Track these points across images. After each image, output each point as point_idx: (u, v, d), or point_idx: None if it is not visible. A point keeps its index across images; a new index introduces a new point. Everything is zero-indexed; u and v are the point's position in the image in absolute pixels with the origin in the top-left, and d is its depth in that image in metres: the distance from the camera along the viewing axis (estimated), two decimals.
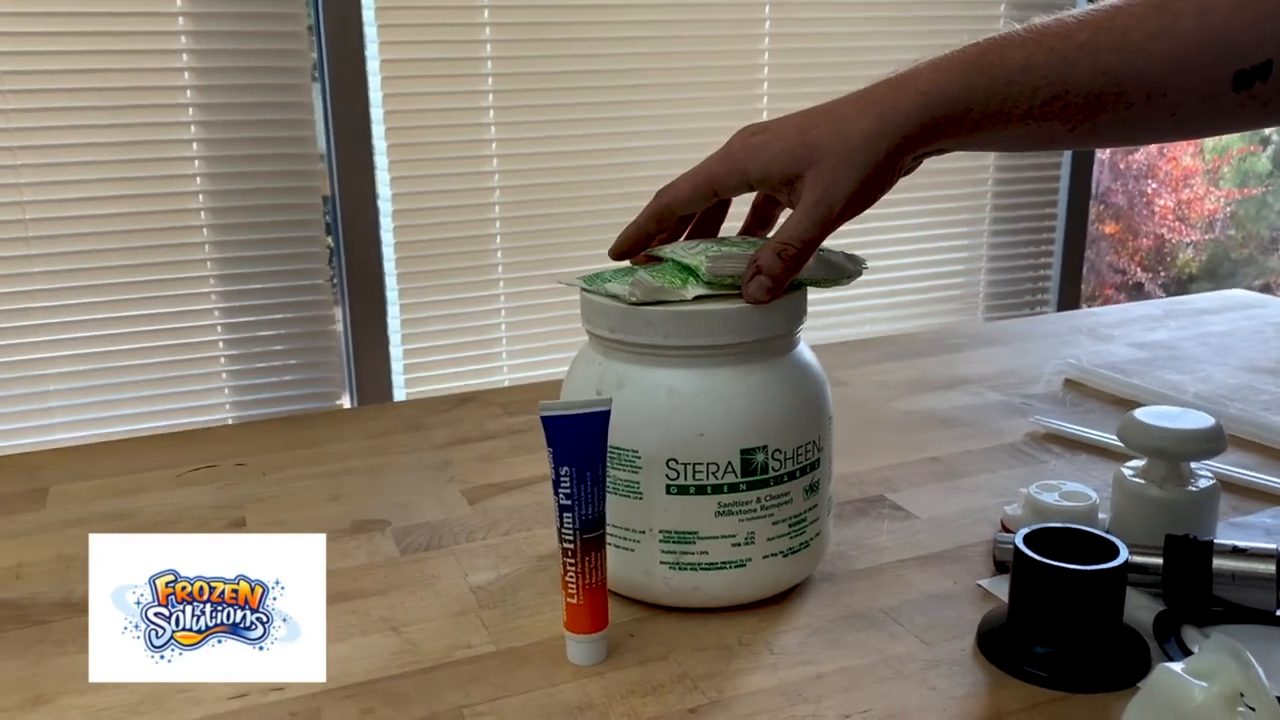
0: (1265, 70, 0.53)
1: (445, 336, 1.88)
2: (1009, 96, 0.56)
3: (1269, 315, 1.24)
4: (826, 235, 0.58)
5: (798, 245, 0.57)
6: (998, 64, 0.56)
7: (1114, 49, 0.55)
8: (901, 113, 0.56)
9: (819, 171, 0.57)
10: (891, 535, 0.70)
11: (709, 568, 0.58)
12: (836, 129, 0.57)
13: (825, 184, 0.57)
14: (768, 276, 0.56)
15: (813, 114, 0.59)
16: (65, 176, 1.60)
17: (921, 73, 0.57)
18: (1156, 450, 0.64)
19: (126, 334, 1.68)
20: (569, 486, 0.53)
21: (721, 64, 1.96)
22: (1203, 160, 4.36)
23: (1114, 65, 0.55)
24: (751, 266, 0.57)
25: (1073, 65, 0.55)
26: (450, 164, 1.83)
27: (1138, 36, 0.54)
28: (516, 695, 0.53)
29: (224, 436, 0.93)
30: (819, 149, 0.57)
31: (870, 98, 0.58)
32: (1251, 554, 0.58)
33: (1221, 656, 0.47)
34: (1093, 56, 0.55)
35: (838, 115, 0.58)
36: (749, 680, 0.54)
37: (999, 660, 0.55)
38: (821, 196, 0.57)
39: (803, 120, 0.59)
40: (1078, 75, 0.55)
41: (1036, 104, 0.56)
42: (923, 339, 1.19)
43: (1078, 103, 0.56)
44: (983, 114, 0.57)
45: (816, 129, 0.58)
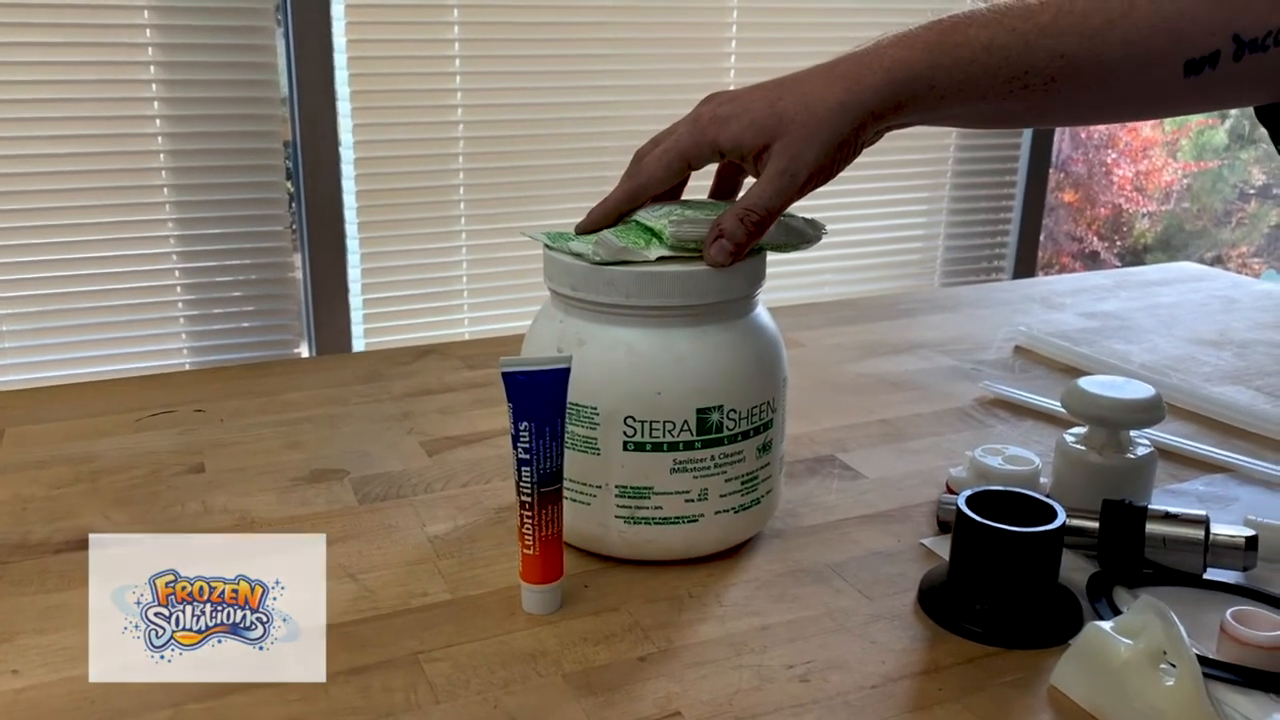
0: (1214, 59, 0.55)
1: (406, 287, 1.87)
2: (971, 75, 0.57)
3: (1215, 288, 1.27)
4: (789, 205, 0.59)
5: (761, 213, 0.58)
6: (962, 43, 0.57)
7: (1073, 33, 0.56)
8: (867, 88, 0.58)
9: (785, 143, 0.58)
10: (840, 494, 0.72)
11: (663, 522, 0.60)
12: (804, 102, 0.58)
13: (791, 154, 0.58)
14: (730, 241, 0.58)
15: (780, 85, 0.60)
16: (21, 114, 1.57)
17: (886, 49, 0.58)
18: (1097, 418, 0.66)
19: (83, 275, 1.66)
20: (528, 441, 0.54)
21: (690, 19, 1.95)
22: (1162, 132, 4.41)
23: (1072, 49, 0.56)
24: (714, 230, 0.58)
25: (1033, 48, 0.57)
26: (414, 112, 1.81)
27: (1096, 21, 0.56)
28: (472, 642, 0.54)
29: (182, 382, 0.93)
30: (786, 120, 0.58)
31: (836, 71, 0.59)
32: (1182, 520, 0.60)
33: (1148, 616, 0.49)
34: (1053, 39, 0.56)
35: (805, 88, 0.59)
36: (698, 631, 0.56)
37: (938, 616, 0.57)
38: (786, 167, 0.58)
39: (770, 92, 0.60)
40: (1037, 58, 0.57)
41: (998, 83, 0.57)
42: (877, 303, 1.21)
43: (1036, 84, 0.57)
44: (945, 91, 0.58)
45: (783, 101, 0.58)
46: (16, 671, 0.52)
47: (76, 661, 0.52)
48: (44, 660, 0.53)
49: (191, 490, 0.71)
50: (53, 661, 0.53)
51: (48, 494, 0.70)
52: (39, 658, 0.53)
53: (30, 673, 0.52)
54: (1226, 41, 0.54)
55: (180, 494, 0.70)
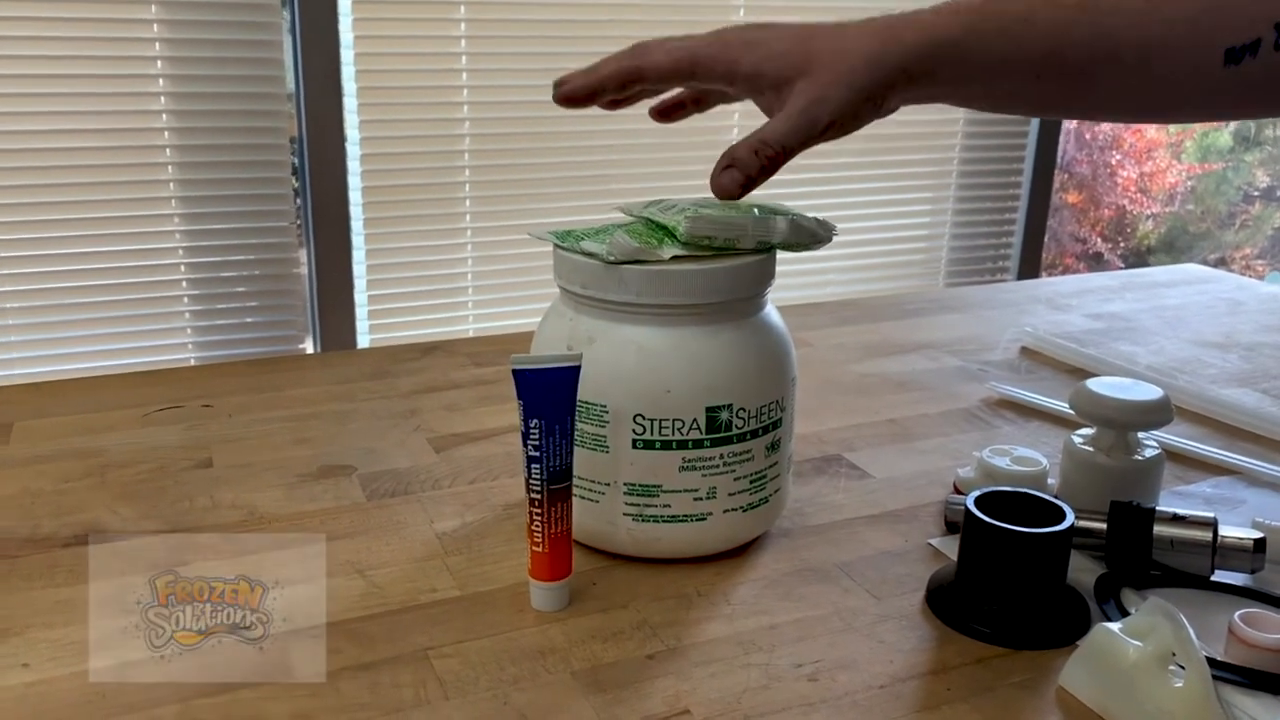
0: (1255, 47, 0.54)
1: (411, 284, 1.88)
2: (1008, 47, 0.56)
3: (1220, 290, 1.27)
4: (805, 148, 0.57)
5: (776, 149, 0.56)
6: (1001, 13, 0.56)
7: (1115, 11, 0.55)
8: (905, 44, 0.56)
9: (811, 82, 0.55)
10: (847, 494, 0.72)
11: (671, 520, 0.60)
12: (839, 45, 0.56)
13: (815, 95, 0.55)
14: (741, 172, 0.56)
15: (814, 27, 0.57)
16: (27, 108, 1.57)
17: (926, 15, 0.56)
18: (1105, 420, 0.66)
19: (89, 270, 1.66)
20: (538, 438, 0.54)
21: (696, 18, 1.95)
22: (1167, 134, 4.41)
23: (1114, 27, 0.55)
24: (725, 158, 0.56)
25: (1074, 23, 0.55)
26: (421, 109, 1.82)
27: (1139, 3, 0.55)
28: (480, 639, 0.55)
29: (189, 377, 0.93)
30: (817, 59, 0.56)
31: (872, 27, 0.57)
32: (1190, 522, 0.60)
33: (1156, 618, 0.50)
34: (1094, 16, 0.55)
35: (841, 34, 0.57)
36: (706, 629, 0.56)
37: (946, 616, 0.57)
38: (808, 107, 0.55)
39: (803, 30, 0.57)
40: (1078, 34, 0.55)
41: (1035, 59, 0.56)
42: (883, 303, 1.21)
43: (1074, 62, 0.56)
44: (981, 62, 0.56)
45: (817, 40, 0.56)
46: (26, 665, 0.52)
47: (85, 656, 0.52)
48: (53, 654, 0.53)
49: (199, 485, 0.71)
50: (61, 656, 0.53)
51: (56, 488, 0.70)
52: (48, 651, 0.53)
53: (40, 667, 0.52)
54: (1268, 30, 0.53)
55: (188, 489, 0.70)
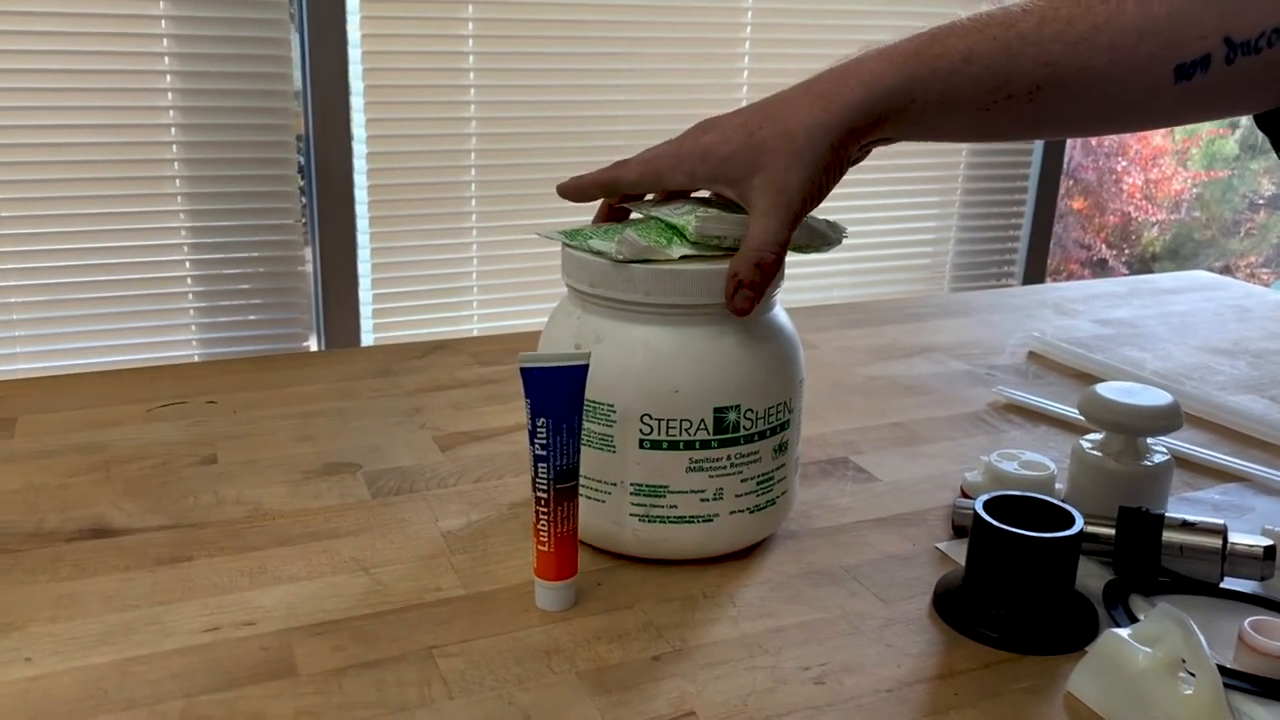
0: (1205, 62, 0.54)
1: (416, 283, 1.87)
2: (951, 87, 0.56)
3: (1228, 297, 1.27)
4: (794, 231, 0.58)
5: (774, 251, 0.57)
6: (940, 54, 0.56)
7: (1057, 39, 0.55)
8: (845, 105, 0.56)
9: (768, 176, 0.57)
10: (854, 497, 0.71)
11: (677, 521, 0.59)
12: (782, 127, 0.57)
13: (777, 185, 0.57)
14: (749, 288, 0.57)
15: (759, 111, 0.59)
16: (34, 103, 1.57)
17: (866, 63, 0.57)
18: (1114, 425, 0.65)
19: (94, 265, 1.66)
20: (545, 437, 0.54)
21: (703, 19, 1.95)
22: (1172, 141, 4.40)
23: (1057, 55, 0.55)
24: (732, 281, 0.57)
25: (1016, 55, 0.55)
26: (428, 108, 1.81)
27: (1081, 27, 0.55)
28: (485, 638, 0.54)
29: (194, 373, 0.93)
30: (765, 150, 0.57)
31: (815, 90, 0.58)
32: (1199, 528, 0.60)
33: (1166, 624, 0.49)
34: (1036, 47, 0.55)
35: (783, 112, 0.58)
36: (711, 631, 0.56)
37: (953, 620, 0.57)
38: (776, 198, 0.57)
39: (748, 119, 0.59)
40: (1021, 65, 0.55)
41: (980, 93, 0.56)
42: (889, 306, 1.21)
43: (1019, 93, 0.56)
44: (925, 104, 0.57)
45: (762, 129, 0.57)
46: (29, 660, 0.52)
47: (89, 650, 0.52)
48: (56, 649, 0.52)
49: (204, 481, 0.71)
50: (65, 650, 0.52)
51: (60, 483, 0.70)
52: (51, 646, 0.53)
53: (43, 661, 0.52)
54: (1218, 45, 0.53)
55: (192, 485, 0.70)
